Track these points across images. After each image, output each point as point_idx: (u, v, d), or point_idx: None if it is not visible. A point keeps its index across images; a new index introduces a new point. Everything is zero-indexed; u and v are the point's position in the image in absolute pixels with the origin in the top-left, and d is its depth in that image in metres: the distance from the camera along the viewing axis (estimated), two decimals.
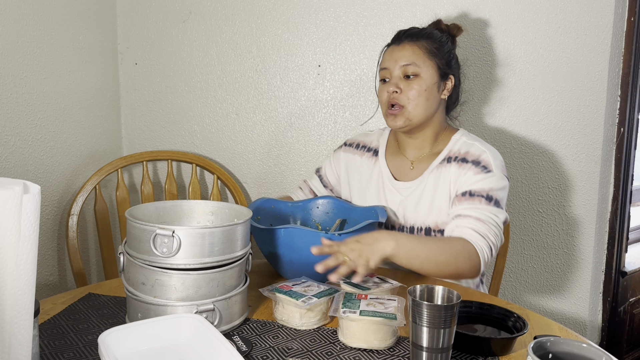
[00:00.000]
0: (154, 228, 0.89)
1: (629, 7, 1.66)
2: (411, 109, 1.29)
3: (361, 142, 1.48)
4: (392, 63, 1.31)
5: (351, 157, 1.47)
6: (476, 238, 1.18)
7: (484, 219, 1.20)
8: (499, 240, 1.22)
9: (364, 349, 0.91)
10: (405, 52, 1.30)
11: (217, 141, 1.91)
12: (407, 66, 1.29)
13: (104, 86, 1.83)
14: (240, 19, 1.82)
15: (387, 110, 1.33)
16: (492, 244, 1.19)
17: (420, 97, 1.29)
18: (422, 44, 1.31)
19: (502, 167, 1.28)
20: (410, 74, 1.29)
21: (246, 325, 0.99)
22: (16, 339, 0.61)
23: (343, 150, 1.50)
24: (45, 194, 1.57)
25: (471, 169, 1.26)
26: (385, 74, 1.33)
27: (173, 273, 0.90)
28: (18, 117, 1.46)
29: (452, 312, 0.78)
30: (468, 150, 1.30)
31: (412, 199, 1.34)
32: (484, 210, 1.21)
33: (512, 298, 1.82)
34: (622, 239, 1.81)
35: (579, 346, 0.71)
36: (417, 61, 1.29)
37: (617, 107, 1.72)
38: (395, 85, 1.30)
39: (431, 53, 1.31)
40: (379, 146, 1.45)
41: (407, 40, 1.32)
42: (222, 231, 0.92)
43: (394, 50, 1.33)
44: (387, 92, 1.31)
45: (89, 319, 1.00)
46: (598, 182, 1.69)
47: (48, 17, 1.54)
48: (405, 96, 1.29)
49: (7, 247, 0.59)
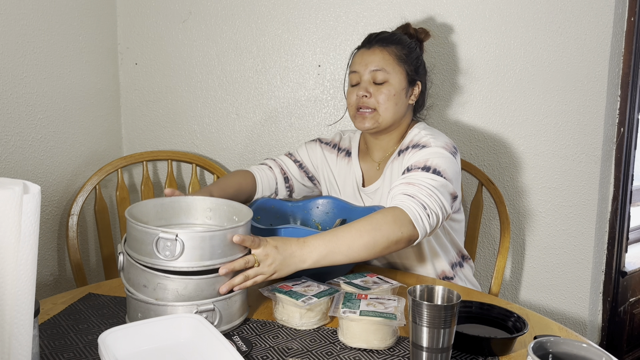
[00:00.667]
0: (156, 232, 0.89)
1: (629, 7, 1.66)
2: (381, 112, 1.31)
3: (337, 142, 1.50)
4: (362, 67, 1.33)
5: (328, 155, 1.49)
6: (402, 199, 1.12)
7: (413, 182, 1.15)
8: (435, 200, 1.13)
9: (364, 349, 0.91)
10: (375, 57, 1.32)
11: (217, 141, 1.91)
12: (376, 71, 1.31)
13: (104, 86, 1.83)
14: (240, 19, 1.82)
15: (355, 112, 1.35)
16: (423, 203, 1.11)
17: (389, 102, 1.31)
18: (392, 50, 1.33)
19: (446, 144, 1.25)
20: (379, 80, 1.31)
21: (246, 325, 0.99)
22: (16, 339, 0.61)
23: (319, 145, 1.51)
24: (45, 194, 1.57)
25: (411, 152, 1.27)
26: (355, 77, 1.35)
27: (175, 278, 0.90)
28: (18, 117, 1.46)
29: (452, 312, 0.78)
30: (419, 140, 1.29)
31: (381, 197, 1.36)
32: (417, 176, 1.17)
33: (512, 298, 1.82)
34: (622, 239, 1.81)
35: (579, 346, 0.71)
36: (386, 67, 1.31)
37: (617, 107, 1.72)
38: (365, 90, 1.32)
39: (400, 59, 1.33)
40: (351, 148, 1.47)
41: (378, 45, 1.33)
42: (225, 234, 0.93)
43: (364, 54, 1.34)
44: (357, 95, 1.33)
45: (89, 319, 1.00)
46: (598, 182, 1.69)
47: (48, 17, 1.54)
48: (375, 100, 1.31)
49: (7, 247, 0.59)
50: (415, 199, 1.12)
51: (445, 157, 1.21)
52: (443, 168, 1.19)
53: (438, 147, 1.23)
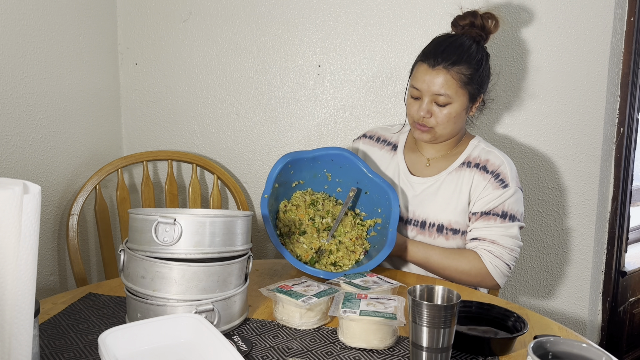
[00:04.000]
0: (155, 217, 0.90)
1: (628, 7, 1.66)
2: (439, 130, 1.34)
3: (382, 135, 1.51)
4: (424, 86, 1.30)
5: (370, 149, 1.51)
6: (491, 259, 1.28)
7: (498, 240, 1.29)
8: (515, 252, 1.31)
9: (364, 348, 0.91)
10: (438, 81, 1.28)
11: (217, 141, 1.91)
12: (439, 96, 1.29)
13: (104, 86, 1.83)
14: (240, 19, 1.82)
15: (413, 122, 1.36)
16: (507, 262, 1.29)
17: (449, 122, 1.32)
18: (457, 73, 1.28)
19: (517, 178, 1.35)
20: (441, 102, 1.30)
21: (246, 325, 0.99)
22: (16, 339, 0.61)
23: (362, 141, 1.53)
24: (46, 194, 1.57)
25: (491, 183, 1.33)
26: (417, 93, 1.33)
27: (174, 264, 0.90)
28: (18, 117, 1.46)
29: (452, 312, 0.78)
30: (488, 159, 1.36)
31: (426, 194, 1.38)
32: (499, 230, 1.30)
33: (512, 298, 1.82)
34: (622, 239, 1.81)
35: (579, 346, 0.71)
36: (449, 92, 1.29)
37: (617, 107, 1.72)
38: (427, 111, 1.31)
39: (465, 83, 1.30)
40: (398, 141, 1.49)
41: (443, 66, 1.28)
42: (224, 222, 0.93)
43: (427, 73, 1.30)
44: (421, 114, 1.32)
45: (89, 319, 1.00)
46: (598, 182, 1.69)
47: (48, 17, 1.54)
48: (435, 119, 1.32)
49: (7, 247, 0.59)
50: (501, 260, 1.29)
51: (519, 200, 1.33)
52: (516, 210, 1.32)
53: (514, 184, 1.32)
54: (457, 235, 1.34)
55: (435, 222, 1.35)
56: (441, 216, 1.35)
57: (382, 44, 1.74)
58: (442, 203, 1.35)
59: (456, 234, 1.34)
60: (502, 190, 1.31)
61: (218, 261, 0.93)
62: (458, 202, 1.34)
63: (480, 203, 1.32)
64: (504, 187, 1.31)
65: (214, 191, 1.81)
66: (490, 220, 1.31)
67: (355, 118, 1.81)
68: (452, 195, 1.35)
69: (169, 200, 1.80)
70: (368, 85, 1.77)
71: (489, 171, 1.34)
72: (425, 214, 1.37)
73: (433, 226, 1.35)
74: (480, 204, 1.32)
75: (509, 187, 1.31)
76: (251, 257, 1.02)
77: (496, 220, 1.30)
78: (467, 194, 1.34)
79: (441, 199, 1.36)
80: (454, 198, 1.34)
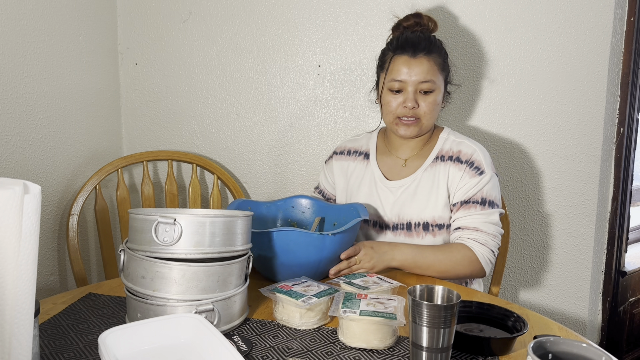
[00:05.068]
0: (155, 217, 0.90)
1: (628, 7, 1.66)
2: (425, 121, 1.34)
3: (351, 148, 1.51)
4: (407, 77, 1.31)
5: (344, 164, 1.50)
6: (477, 246, 1.28)
7: (481, 227, 1.30)
8: (497, 238, 1.32)
9: (364, 348, 0.91)
10: (422, 68, 1.30)
11: (217, 141, 1.91)
12: (424, 83, 1.30)
13: (104, 86, 1.83)
14: (240, 19, 1.82)
15: (395, 119, 1.35)
16: (492, 248, 1.30)
17: (434, 111, 1.34)
18: (435, 58, 1.32)
19: (491, 164, 1.36)
20: (426, 90, 1.31)
21: (246, 325, 0.99)
22: (16, 339, 0.62)
23: (335, 159, 1.53)
24: (46, 194, 1.57)
25: (467, 172, 1.33)
26: (399, 85, 1.32)
27: (174, 264, 0.90)
28: (18, 117, 1.46)
29: (452, 312, 0.78)
30: (460, 149, 1.37)
31: (406, 196, 1.38)
32: (480, 217, 1.31)
33: (512, 298, 1.83)
34: (622, 239, 1.81)
35: (579, 346, 0.71)
36: (434, 77, 1.31)
37: (617, 107, 1.72)
38: (414, 101, 1.31)
39: (442, 68, 1.34)
40: (369, 149, 1.48)
41: (423, 54, 1.31)
42: (224, 222, 0.93)
43: (410, 63, 1.31)
44: (401, 104, 1.32)
45: (89, 319, 1.00)
46: (598, 182, 1.69)
47: (48, 17, 1.54)
48: (422, 110, 1.32)
49: (7, 247, 0.59)
50: (486, 247, 1.29)
51: (495, 185, 1.34)
52: (495, 196, 1.33)
53: (490, 170, 1.33)
54: (442, 230, 1.35)
55: (420, 221, 1.35)
56: (424, 214, 1.35)
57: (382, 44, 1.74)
58: (423, 201, 1.35)
59: (442, 229, 1.35)
60: (478, 177, 1.32)
61: (218, 261, 0.93)
62: (438, 197, 1.34)
63: (460, 193, 1.33)
64: (480, 174, 1.32)
65: (214, 191, 1.81)
66: (471, 209, 1.31)
67: (355, 118, 1.81)
68: (430, 191, 1.35)
69: (169, 200, 1.80)
70: (368, 85, 1.77)
71: (463, 161, 1.34)
72: (408, 215, 1.36)
73: (419, 226, 1.35)
74: (459, 194, 1.33)
75: (485, 173, 1.32)
76: (251, 257, 1.02)
77: (476, 208, 1.31)
78: (446, 187, 1.34)
79: (421, 197, 1.36)
80: (433, 194, 1.35)
